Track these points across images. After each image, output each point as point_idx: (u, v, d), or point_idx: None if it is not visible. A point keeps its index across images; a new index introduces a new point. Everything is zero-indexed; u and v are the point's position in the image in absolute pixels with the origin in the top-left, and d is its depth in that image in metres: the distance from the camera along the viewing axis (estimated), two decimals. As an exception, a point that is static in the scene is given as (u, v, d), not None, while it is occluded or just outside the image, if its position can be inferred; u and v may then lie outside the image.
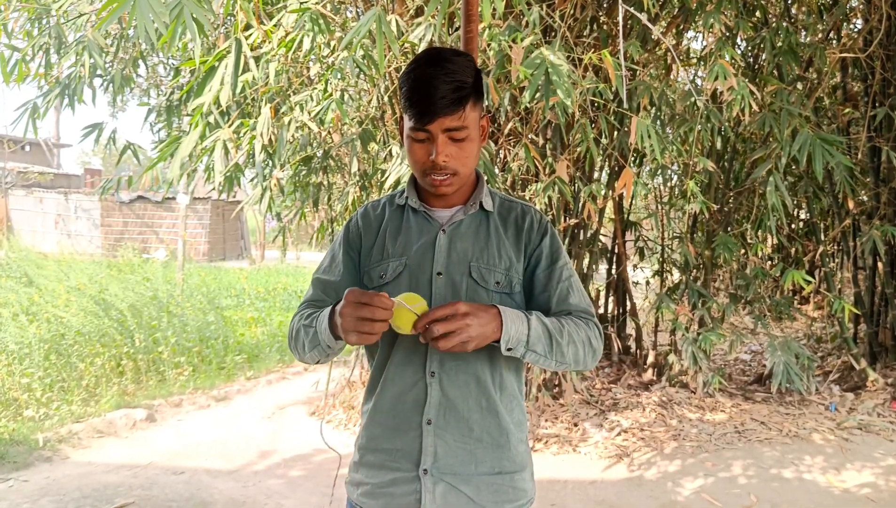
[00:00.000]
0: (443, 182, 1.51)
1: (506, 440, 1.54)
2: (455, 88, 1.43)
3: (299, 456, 4.85)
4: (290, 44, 3.86)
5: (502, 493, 1.53)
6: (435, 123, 1.44)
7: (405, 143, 1.53)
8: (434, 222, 1.60)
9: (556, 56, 3.42)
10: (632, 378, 6.19)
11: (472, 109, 1.48)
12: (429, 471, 1.49)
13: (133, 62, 4.88)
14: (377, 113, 4.95)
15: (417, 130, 1.46)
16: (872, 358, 6.42)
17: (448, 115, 1.44)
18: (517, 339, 1.40)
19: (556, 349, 1.46)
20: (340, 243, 1.67)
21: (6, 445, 4.70)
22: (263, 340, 8.12)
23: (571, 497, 4.16)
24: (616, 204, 6.26)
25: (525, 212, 1.64)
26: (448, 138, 1.47)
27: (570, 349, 1.48)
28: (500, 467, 1.53)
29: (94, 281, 9.16)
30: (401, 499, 1.52)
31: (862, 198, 6.55)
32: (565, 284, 1.57)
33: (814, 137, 4.54)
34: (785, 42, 5.08)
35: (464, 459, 1.51)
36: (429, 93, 1.43)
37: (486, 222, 1.61)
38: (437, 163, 1.47)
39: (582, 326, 1.52)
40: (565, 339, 1.47)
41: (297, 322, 1.58)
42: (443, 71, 1.44)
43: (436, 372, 1.51)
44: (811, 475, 4.50)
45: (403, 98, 1.48)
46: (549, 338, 1.45)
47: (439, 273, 1.53)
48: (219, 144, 3.89)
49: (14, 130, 5.65)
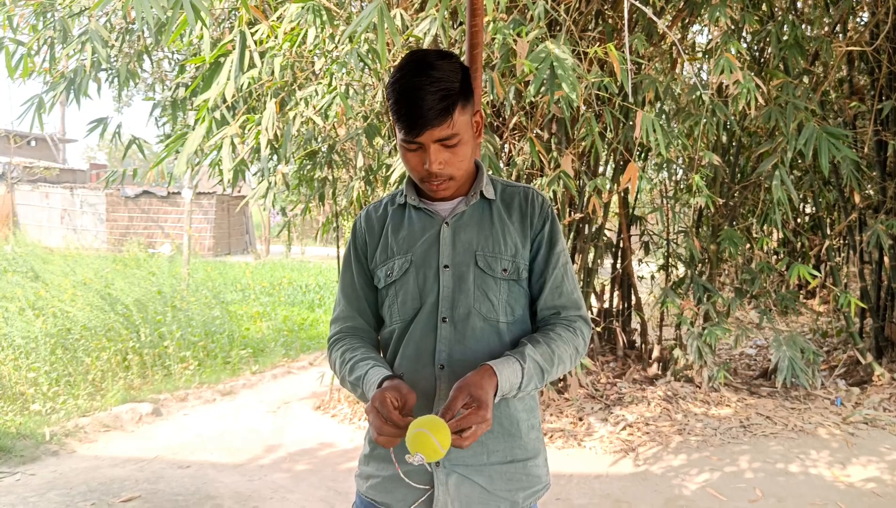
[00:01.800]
0: (440, 186, 1.52)
1: (516, 428, 1.55)
2: (441, 97, 1.42)
3: (304, 451, 4.86)
4: (295, 38, 3.86)
5: (515, 481, 1.54)
6: (424, 134, 1.43)
7: (399, 151, 1.53)
8: (436, 217, 1.60)
9: (561, 50, 3.42)
10: (637, 373, 6.19)
11: (462, 114, 1.47)
12: (441, 463, 1.50)
13: (138, 56, 4.88)
14: (382, 108, 4.95)
15: (408, 141, 1.46)
16: (878, 353, 6.40)
17: (437, 126, 1.43)
18: (509, 388, 1.41)
19: (546, 378, 1.49)
20: (351, 252, 1.69)
21: (13, 439, 4.72)
22: (268, 334, 8.14)
23: (577, 491, 4.17)
24: (621, 198, 6.25)
25: (527, 195, 1.64)
26: (440, 146, 1.46)
27: (560, 368, 1.52)
28: (512, 455, 1.54)
29: (99, 276, 9.18)
30: (413, 492, 1.52)
31: (868, 192, 6.53)
32: (560, 271, 1.59)
33: (820, 130, 4.53)
34: (791, 36, 5.06)
35: (475, 450, 1.51)
36: (416, 105, 1.41)
37: (489, 211, 1.60)
38: (432, 171, 1.47)
39: (570, 337, 1.55)
40: (555, 365, 1.50)
41: (339, 366, 1.60)
42: (428, 80, 1.42)
43: (445, 365, 1.51)
44: (816, 469, 4.50)
45: (391, 110, 1.47)
46: (541, 374, 1.47)
47: (446, 266, 1.54)
48: (226, 141, 3.89)
49: (20, 125, 5.66)
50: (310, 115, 4.24)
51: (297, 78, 4.72)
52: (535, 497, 1.58)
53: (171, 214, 20.79)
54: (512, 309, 1.56)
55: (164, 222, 20.87)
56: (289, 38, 3.98)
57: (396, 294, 1.57)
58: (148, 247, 17.63)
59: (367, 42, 3.96)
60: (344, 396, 5.82)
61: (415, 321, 1.54)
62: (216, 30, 5.13)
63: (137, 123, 75.21)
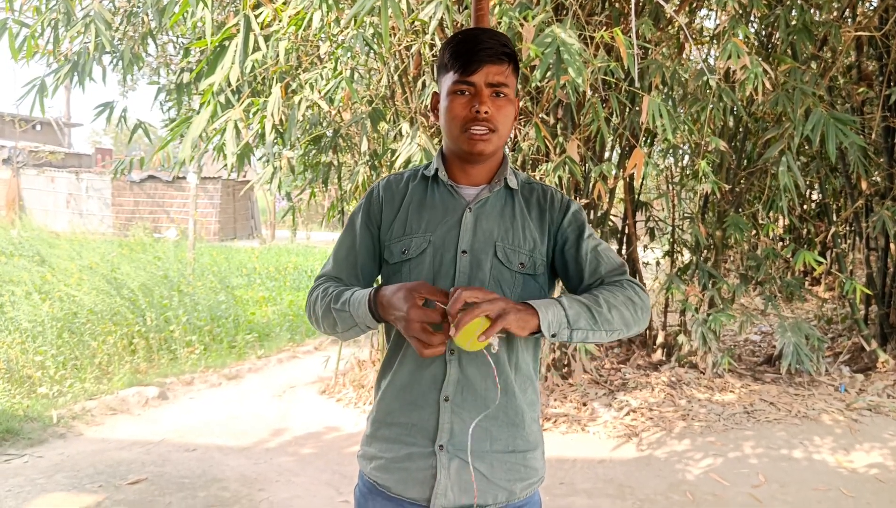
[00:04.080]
0: (482, 136, 1.51)
1: (520, 419, 1.55)
2: (500, 43, 1.49)
3: (310, 434, 4.88)
4: (300, 22, 3.84)
5: (514, 471, 1.54)
6: (480, 72, 1.48)
7: (443, 104, 1.54)
8: (459, 199, 1.59)
9: (567, 34, 3.39)
10: (641, 359, 6.20)
11: (513, 75, 1.53)
12: (445, 447, 1.50)
13: (142, 39, 4.87)
14: (387, 92, 4.93)
15: (461, 82, 1.49)
16: (883, 339, 6.40)
17: (494, 63, 1.48)
18: (558, 322, 1.39)
19: (601, 319, 1.43)
20: (360, 215, 1.65)
21: (21, 421, 4.76)
22: (274, 319, 8.16)
23: (580, 476, 4.19)
24: (627, 184, 6.23)
25: (546, 192, 1.63)
26: (491, 93, 1.50)
27: (614, 313, 1.45)
28: (514, 445, 1.54)
29: (105, 260, 9.20)
30: (416, 474, 1.52)
31: (875, 178, 6.50)
32: (593, 254, 1.56)
33: (827, 116, 4.49)
34: (799, 20, 5.02)
35: (479, 436, 1.51)
36: (476, 45, 1.48)
37: (511, 202, 1.60)
38: (480, 114, 1.48)
39: (617, 289, 1.50)
40: (604, 307, 1.44)
41: (321, 300, 1.58)
42: (488, 33, 1.51)
43: (455, 350, 1.50)
44: (820, 455, 4.51)
45: (449, 54, 1.51)
46: (589, 311, 1.43)
47: (464, 252, 1.53)
48: (230, 125, 3.88)
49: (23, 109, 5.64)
50: (315, 99, 4.22)
51: (303, 62, 4.71)
52: (531, 489, 1.58)
53: (176, 198, 20.78)
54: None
55: (169, 207, 20.88)
56: (294, 22, 3.96)
57: (410, 272, 1.55)
58: (153, 231, 17.66)
59: (371, 26, 3.94)
60: (349, 380, 5.84)
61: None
62: (220, 13, 5.11)
63: (143, 108, 75.16)
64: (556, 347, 5.59)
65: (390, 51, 4.51)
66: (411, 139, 3.97)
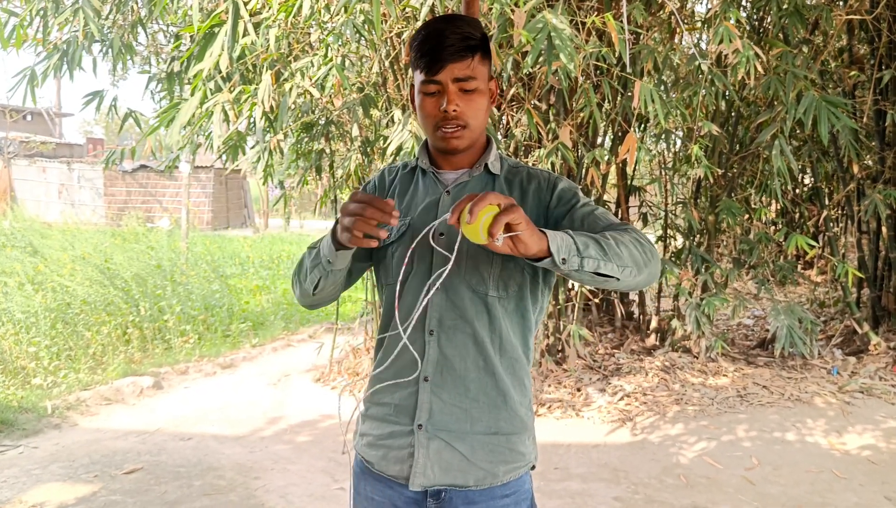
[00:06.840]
0: (453, 134, 1.52)
1: (503, 401, 1.55)
2: (463, 37, 1.47)
3: (305, 422, 4.90)
4: (290, 9, 3.82)
5: (498, 454, 1.54)
6: (444, 71, 1.47)
7: (416, 101, 1.55)
8: (441, 184, 1.62)
9: (558, 20, 3.38)
10: (635, 344, 6.22)
11: (481, 64, 1.52)
12: (423, 426, 1.52)
13: (132, 28, 4.83)
14: (378, 79, 4.91)
15: (428, 82, 1.49)
16: (875, 322, 6.43)
17: (457, 61, 1.47)
18: (567, 247, 1.29)
19: (611, 252, 1.34)
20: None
21: (15, 412, 4.76)
22: (268, 308, 8.16)
23: (575, 461, 4.21)
24: (619, 169, 6.23)
25: (531, 175, 1.63)
26: (458, 89, 1.49)
27: (623, 249, 1.36)
28: (497, 427, 1.54)
29: (98, 250, 9.19)
30: (396, 452, 1.55)
31: (867, 162, 6.51)
32: (591, 218, 1.50)
33: (819, 100, 4.49)
34: (790, 4, 4.99)
35: (459, 417, 1.52)
36: (438, 42, 1.47)
37: (492, 186, 1.61)
38: (448, 113, 1.49)
39: (621, 232, 1.42)
40: (612, 241, 1.36)
41: (301, 264, 1.62)
42: (451, 26, 1.49)
43: (434, 331, 1.52)
44: (813, 438, 4.54)
45: (414, 53, 1.51)
46: (597, 243, 1.34)
47: (441, 234, 1.54)
48: (217, 108, 3.86)
49: (14, 99, 5.61)
50: (306, 86, 4.21)
51: (293, 49, 4.68)
52: (516, 473, 1.57)
53: (169, 188, 20.70)
54: (505, 285, 1.53)
55: (162, 197, 20.80)
56: (284, 9, 3.93)
57: (392, 255, 1.58)
58: (146, 221, 17.61)
59: (362, 13, 3.92)
60: (344, 368, 5.85)
61: (407, 284, 1.54)
62: (211, 1, 5.07)
63: (134, 97, 74.64)
64: (550, 332, 5.61)
65: (381, 38, 4.49)
66: (403, 126, 3.96)
